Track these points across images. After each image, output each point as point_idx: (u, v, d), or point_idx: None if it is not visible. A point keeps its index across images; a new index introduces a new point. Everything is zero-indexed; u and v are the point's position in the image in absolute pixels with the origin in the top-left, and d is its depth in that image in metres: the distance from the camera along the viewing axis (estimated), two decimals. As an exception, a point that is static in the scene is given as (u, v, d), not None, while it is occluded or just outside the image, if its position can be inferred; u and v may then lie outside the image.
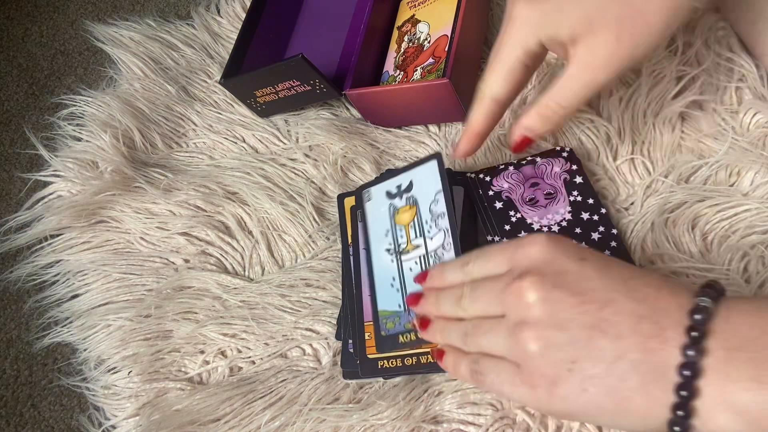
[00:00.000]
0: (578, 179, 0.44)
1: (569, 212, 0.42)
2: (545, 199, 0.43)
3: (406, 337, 0.38)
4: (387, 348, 0.38)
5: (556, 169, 0.44)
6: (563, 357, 0.27)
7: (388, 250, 0.41)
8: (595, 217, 0.42)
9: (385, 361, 0.40)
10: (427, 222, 0.39)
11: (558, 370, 0.27)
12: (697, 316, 0.25)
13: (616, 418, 0.26)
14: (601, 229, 0.42)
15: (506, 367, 0.29)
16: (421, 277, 0.37)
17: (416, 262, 0.39)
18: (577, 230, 0.41)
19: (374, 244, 0.42)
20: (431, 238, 0.39)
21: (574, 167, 0.44)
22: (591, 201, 0.43)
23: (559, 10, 0.33)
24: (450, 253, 0.38)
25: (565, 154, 0.45)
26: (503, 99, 0.37)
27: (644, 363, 0.25)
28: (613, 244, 0.41)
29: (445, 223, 0.38)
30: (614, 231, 0.42)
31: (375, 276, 0.40)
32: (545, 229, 0.42)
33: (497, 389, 0.30)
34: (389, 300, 0.39)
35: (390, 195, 0.42)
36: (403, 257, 0.40)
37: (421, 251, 0.39)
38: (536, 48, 0.35)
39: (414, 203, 0.40)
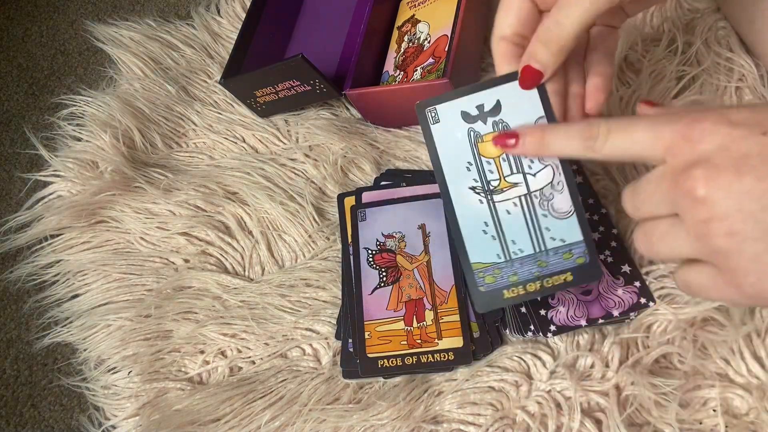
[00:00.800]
0: (578, 179, 0.44)
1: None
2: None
3: (513, 292, 0.33)
4: (491, 304, 0.33)
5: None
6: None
7: (474, 189, 0.33)
8: (596, 217, 0.42)
9: (385, 361, 0.40)
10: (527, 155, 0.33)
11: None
12: None
13: None
14: (602, 229, 0.42)
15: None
16: (502, 138, 0.32)
17: (515, 204, 0.33)
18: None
19: (452, 180, 0.33)
20: (534, 175, 0.32)
21: (575, 167, 0.44)
22: (591, 201, 0.43)
23: None
24: (563, 195, 0.32)
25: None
26: (511, 36, 0.33)
27: None
28: (614, 244, 0.41)
29: (553, 157, 0.32)
30: (614, 231, 0.42)
31: (459, 221, 0.33)
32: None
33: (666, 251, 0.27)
34: (484, 251, 0.33)
35: (468, 117, 0.33)
36: (496, 197, 0.33)
37: (521, 190, 0.33)
38: None
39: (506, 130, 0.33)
